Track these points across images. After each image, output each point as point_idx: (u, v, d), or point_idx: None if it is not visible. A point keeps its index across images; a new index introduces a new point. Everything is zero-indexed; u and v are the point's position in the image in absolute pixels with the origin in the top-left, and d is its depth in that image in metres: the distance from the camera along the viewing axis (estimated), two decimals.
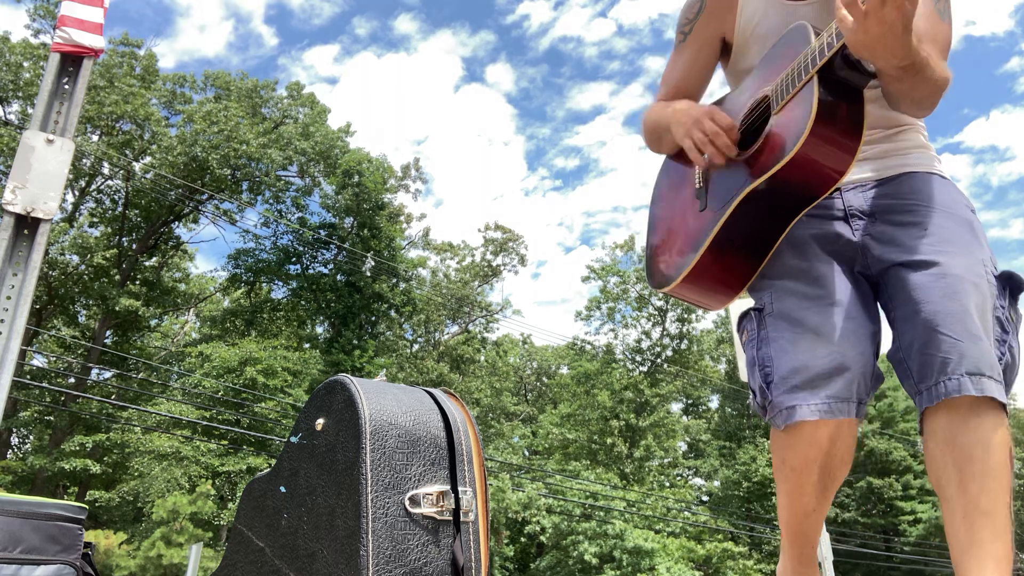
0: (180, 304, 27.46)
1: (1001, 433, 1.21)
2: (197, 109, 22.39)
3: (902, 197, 1.44)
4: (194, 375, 21.24)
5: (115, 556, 17.16)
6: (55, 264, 20.35)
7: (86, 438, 19.72)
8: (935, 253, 1.33)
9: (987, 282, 1.31)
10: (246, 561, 1.61)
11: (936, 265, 1.31)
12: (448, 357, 28.97)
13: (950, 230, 1.36)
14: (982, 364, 1.23)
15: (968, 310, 1.26)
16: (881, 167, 1.50)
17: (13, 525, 1.73)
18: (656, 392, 27.03)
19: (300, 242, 25.46)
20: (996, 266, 1.36)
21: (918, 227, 1.38)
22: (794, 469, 1.39)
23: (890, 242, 1.39)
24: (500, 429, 28.72)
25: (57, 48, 2.38)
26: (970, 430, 1.22)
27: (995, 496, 1.19)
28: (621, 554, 21.03)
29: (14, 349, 2.08)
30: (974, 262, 1.32)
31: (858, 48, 1.24)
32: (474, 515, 1.45)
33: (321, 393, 1.54)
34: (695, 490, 31.11)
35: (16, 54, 20.44)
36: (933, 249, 1.34)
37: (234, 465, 19.85)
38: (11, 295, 2.13)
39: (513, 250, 31.91)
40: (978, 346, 1.24)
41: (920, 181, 1.47)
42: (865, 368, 1.34)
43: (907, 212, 1.41)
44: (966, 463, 1.21)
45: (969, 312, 1.26)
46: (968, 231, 1.37)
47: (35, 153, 2.23)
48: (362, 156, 25.06)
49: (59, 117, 2.34)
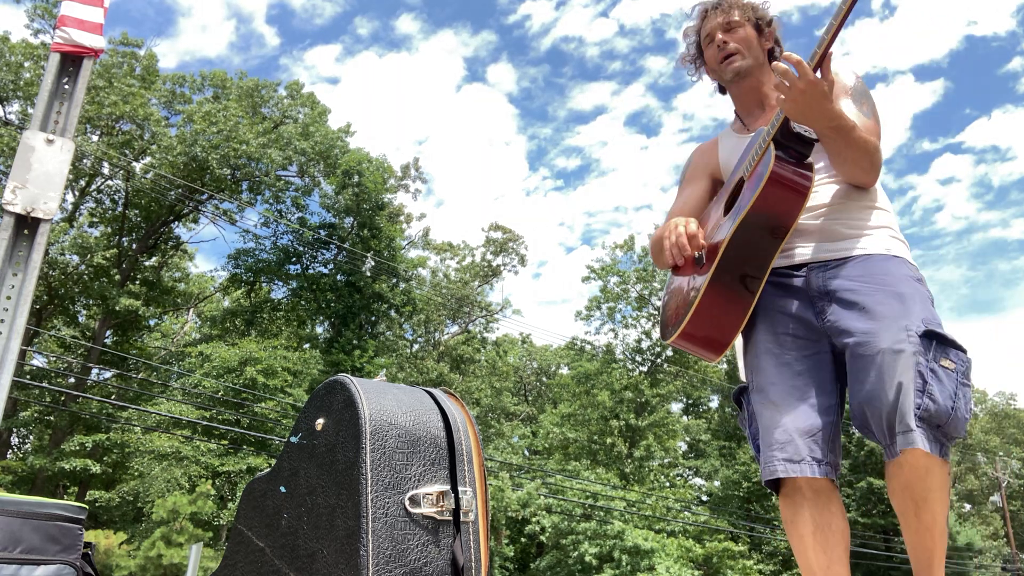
0: (180, 304, 27.47)
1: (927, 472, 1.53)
2: (197, 109, 22.38)
3: (851, 279, 1.74)
4: (194, 375, 21.24)
5: (115, 556, 17.15)
6: (55, 264, 20.35)
7: (86, 438, 19.71)
8: (868, 334, 1.62)
9: (909, 344, 1.57)
10: (246, 561, 1.61)
11: (868, 344, 1.61)
12: (448, 357, 28.97)
13: (883, 306, 1.65)
14: (903, 423, 1.53)
15: (891, 382, 1.55)
16: (832, 249, 1.80)
17: (13, 525, 1.73)
18: (656, 392, 27.02)
19: (300, 242, 25.47)
20: (923, 323, 1.61)
21: (859, 308, 1.68)
22: (791, 522, 1.71)
23: (840, 326, 1.70)
24: (500, 429, 28.72)
25: (57, 48, 2.38)
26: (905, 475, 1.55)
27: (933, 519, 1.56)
28: (621, 554, 21.03)
29: (14, 349, 2.08)
30: (898, 330, 1.59)
31: (793, 115, 1.67)
32: (474, 515, 1.45)
33: (321, 393, 1.54)
34: (695, 490, 31.11)
35: (16, 54, 20.43)
36: (867, 328, 1.63)
37: (234, 465, 19.85)
38: (11, 295, 2.13)
39: (513, 250, 31.91)
40: (900, 410, 1.53)
41: (867, 263, 1.75)
42: (814, 434, 1.68)
43: (852, 293, 1.71)
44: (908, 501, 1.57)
45: (891, 384, 1.55)
46: (898, 303, 1.65)
47: (35, 153, 2.23)
48: (362, 156, 25.05)
49: (59, 117, 2.34)
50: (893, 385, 1.54)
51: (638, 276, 29.83)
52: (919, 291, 1.69)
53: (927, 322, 1.61)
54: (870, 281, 1.70)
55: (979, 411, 50.74)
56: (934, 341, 1.59)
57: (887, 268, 1.73)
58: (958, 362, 1.59)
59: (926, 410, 1.52)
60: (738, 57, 1.97)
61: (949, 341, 1.59)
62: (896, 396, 1.53)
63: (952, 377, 1.57)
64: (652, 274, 29.87)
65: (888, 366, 1.56)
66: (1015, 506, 40.16)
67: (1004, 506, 33.67)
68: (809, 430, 1.67)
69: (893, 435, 1.54)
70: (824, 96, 1.62)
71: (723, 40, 1.98)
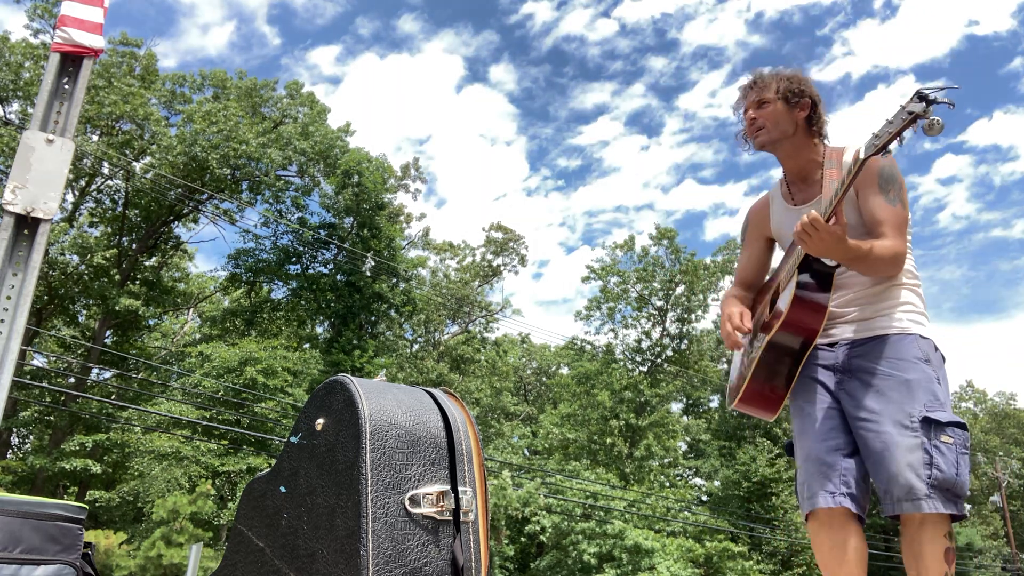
0: (180, 304, 27.46)
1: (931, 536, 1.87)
2: (197, 109, 22.37)
3: (868, 359, 2.06)
4: (194, 375, 21.23)
5: (115, 556, 17.15)
6: (55, 264, 20.34)
7: (86, 438, 19.71)
8: (877, 414, 1.97)
9: (910, 430, 1.91)
10: (246, 561, 1.61)
11: (875, 423, 1.96)
12: (448, 357, 28.97)
13: (893, 391, 1.98)
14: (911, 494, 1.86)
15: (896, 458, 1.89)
16: (860, 329, 2.12)
17: (13, 525, 1.73)
18: (656, 392, 27.02)
19: (300, 242, 25.46)
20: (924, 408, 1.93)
21: (873, 390, 2.01)
22: (814, 545, 2.05)
23: (852, 400, 2.05)
24: (500, 429, 28.72)
25: (57, 48, 2.38)
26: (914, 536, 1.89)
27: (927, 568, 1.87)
28: (621, 553, 21.02)
29: (14, 349, 2.08)
30: (903, 417, 1.93)
31: (814, 254, 2.01)
32: (474, 515, 1.45)
33: (321, 393, 1.54)
34: (695, 490, 31.10)
35: (16, 54, 20.42)
36: (877, 409, 1.97)
37: (234, 465, 19.85)
38: (11, 295, 2.13)
39: (513, 250, 31.92)
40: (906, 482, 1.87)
41: (884, 345, 2.06)
42: (829, 472, 2.01)
43: (868, 375, 2.03)
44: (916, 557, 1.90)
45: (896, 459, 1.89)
46: (905, 390, 1.97)
47: (35, 153, 2.23)
48: (362, 156, 25.03)
49: (59, 117, 2.34)
50: (900, 463, 1.89)
51: (638, 276, 29.83)
52: (925, 373, 2.00)
53: (928, 407, 1.94)
54: (884, 365, 2.02)
55: (979, 411, 50.71)
56: (933, 424, 1.91)
57: (900, 351, 2.03)
58: (955, 436, 1.90)
59: (935, 479, 1.85)
60: (763, 132, 2.24)
61: (945, 423, 1.91)
62: (903, 471, 1.88)
63: (953, 449, 1.88)
64: (652, 274, 29.87)
65: (894, 445, 1.91)
66: (1015, 506, 40.15)
67: (1004, 506, 33.67)
68: (824, 471, 2.02)
69: (901, 503, 1.88)
70: (838, 240, 1.91)
71: (752, 117, 2.28)
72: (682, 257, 29.58)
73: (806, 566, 25.65)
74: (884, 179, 2.09)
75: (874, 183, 2.08)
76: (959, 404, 52.14)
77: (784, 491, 27.06)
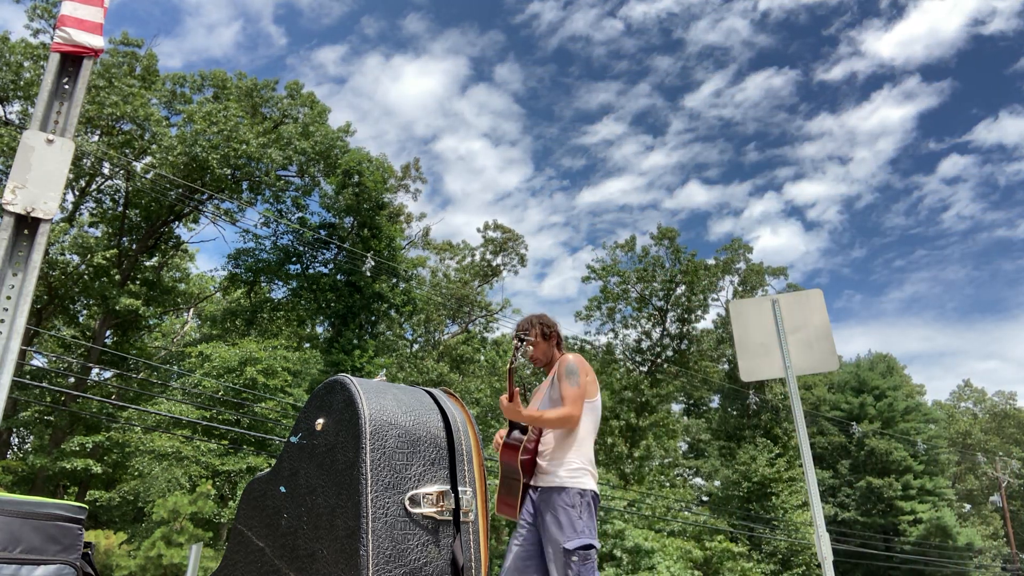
0: (180, 304, 27.45)
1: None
2: (197, 109, 22.36)
3: (543, 503, 3.23)
4: (194, 375, 21.22)
5: (115, 556, 17.14)
6: (55, 264, 20.34)
7: (86, 438, 19.71)
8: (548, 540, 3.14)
9: (560, 553, 3.06)
10: (246, 561, 1.61)
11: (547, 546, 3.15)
12: (448, 357, 28.97)
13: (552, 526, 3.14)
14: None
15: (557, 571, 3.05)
16: (541, 481, 3.29)
17: (13, 525, 1.73)
18: (656, 392, 27.02)
19: (300, 242, 25.45)
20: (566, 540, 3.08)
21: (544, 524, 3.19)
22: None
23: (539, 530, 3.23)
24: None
25: (57, 48, 2.38)
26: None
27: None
28: (621, 553, 21.03)
29: (14, 349, 2.08)
30: (556, 543, 3.09)
31: (507, 416, 3.30)
32: (474, 515, 1.44)
33: (321, 393, 1.54)
34: (695, 490, 31.08)
35: (16, 54, 20.41)
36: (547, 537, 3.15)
37: (234, 465, 19.84)
38: (11, 295, 2.13)
39: (513, 250, 31.91)
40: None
41: (550, 494, 3.22)
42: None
43: (540, 514, 3.23)
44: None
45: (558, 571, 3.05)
46: (556, 526, 3.13)
47: (35, 153, 2.22)
48: (362, 156, 25.03)
49: (59, 117, 2.34)
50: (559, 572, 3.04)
51: (639, 276, 29.83)
52: (569, 515, 3.12)
53: (567, 540, 3.06)
54: (548, 508, 3.18)
55: (979, 411, 50.70)
56: (576, 549, 3.04)
57: (555, 500, 3.17)
58: (585, 555, 3.04)
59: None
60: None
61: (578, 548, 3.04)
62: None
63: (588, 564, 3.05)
64: (652, 274, 29.87)
65: (555, 561, 3.07)
66: (1015, 506, 40.15)
67: (1004, 506, 33.67)
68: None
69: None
70: (516, 412, 3.24)
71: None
72: (683, 257, 29.59)
73: (806, 566, 25.64)
74: (566, 373, 3.32)
75: (562, 375, 3.33)
76: (958, 404, 52.10)
77: (784, 491, 27.06)
